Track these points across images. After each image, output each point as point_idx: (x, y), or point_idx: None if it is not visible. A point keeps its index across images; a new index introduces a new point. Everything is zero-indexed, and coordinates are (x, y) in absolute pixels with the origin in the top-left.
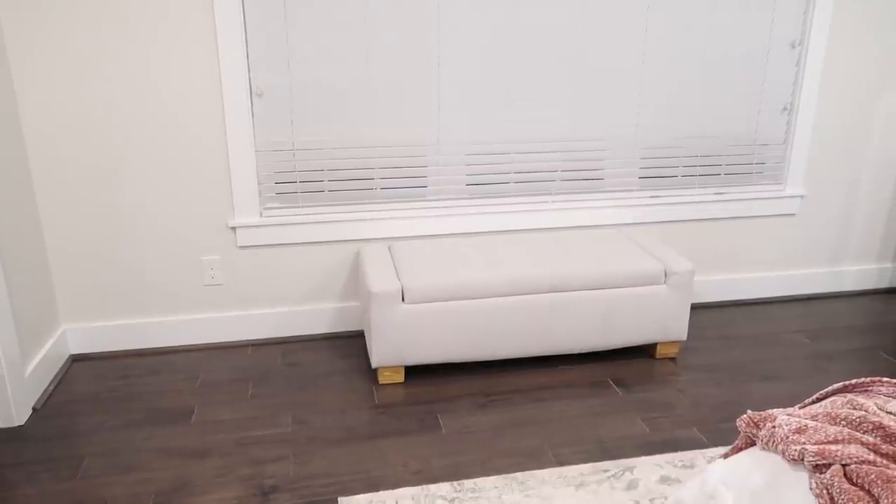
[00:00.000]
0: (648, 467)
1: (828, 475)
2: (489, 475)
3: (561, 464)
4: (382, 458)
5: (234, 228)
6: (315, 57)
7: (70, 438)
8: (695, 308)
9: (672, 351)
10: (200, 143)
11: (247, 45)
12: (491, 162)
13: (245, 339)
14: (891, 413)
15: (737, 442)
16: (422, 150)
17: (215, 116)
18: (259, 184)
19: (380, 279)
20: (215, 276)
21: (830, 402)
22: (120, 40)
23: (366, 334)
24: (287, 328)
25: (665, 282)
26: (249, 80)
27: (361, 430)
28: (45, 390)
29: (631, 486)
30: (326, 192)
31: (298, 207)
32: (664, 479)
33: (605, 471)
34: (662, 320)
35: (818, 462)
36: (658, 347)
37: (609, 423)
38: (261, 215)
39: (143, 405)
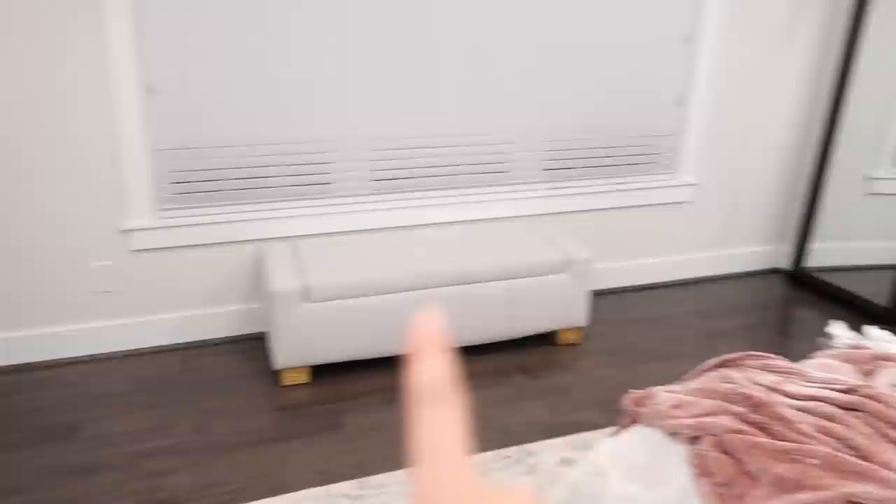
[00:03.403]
0: (549, 451)
1: (703, 446)
2: (394, 471)
3: (469, 455)
4: (285, 461)
5: (127, 232)
6: (213, 52)
7: None
8: (596, 294)
9: (574, 337)
10: (88, 143)
11: (139, 40)
12: (396, 157)
13: (141, 347)
14: (759, 384)
15: (623, 420)
16: (325, 145)
17: (103, 114)
18: (155, 184)
19: (282, 278)
20: (107, 282)
21: (706, 377)
22: None
23: (268, 335)
24: (187, 333)
25: (565, 270)
26: (141, 75)
27: (264, 434)
28: None
29: (531, 470)
30: (227, 191)
31: (198, 208)
32: (563, 462)
33: (507, 457)
34: (564, 308)
35: (694, 434)
36: (560, 334)
37: (513, 410)
38: (157, 217)
39: (28, 423)
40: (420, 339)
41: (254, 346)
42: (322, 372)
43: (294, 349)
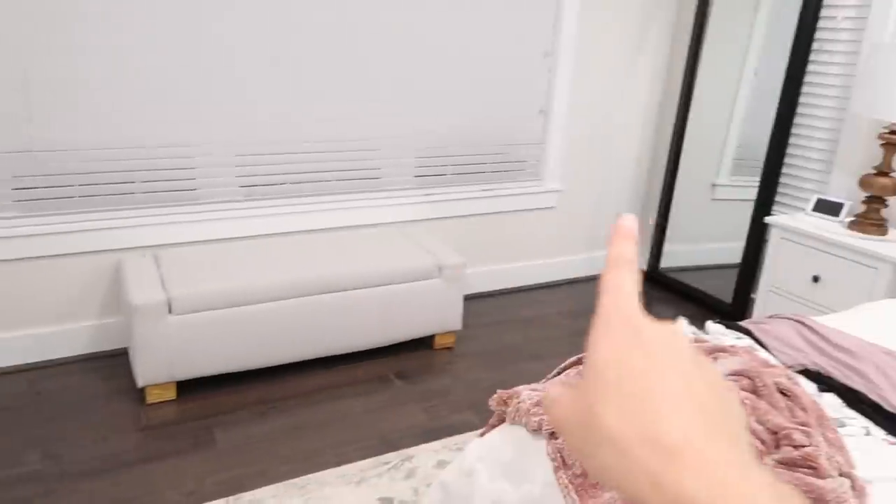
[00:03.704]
0: (426, 454)
1: (560, 440)
2: (269, 485)
3: (341, 462)
4: (151, 483)
5: None
6: (56, 47)
7: None
8: (469, 298)
9: (449, 341)
10: None
11: None
12: (265, 163)
13: None
14: None
15: (491, 420)
16: (189, 150)
17: None
18: None
19: (143, 290)
20: None
21: (566, 374)
22: None
23: (129, 351)
24: (35, 353)
25: (438, 275)
26: None
27: (126, 457)
28: None
29: (410, 474)
30: (78, 197)
31: (44, 216)
32: (441, 464)
33: (386, 463)
34: (438, 312)
35: (552, 429)
36: (436, 338)
37: (390, 416)
38: None
39: None
40: (621, 230)
41: (114, 363)
42: (189, 387)
43: (158, 365)
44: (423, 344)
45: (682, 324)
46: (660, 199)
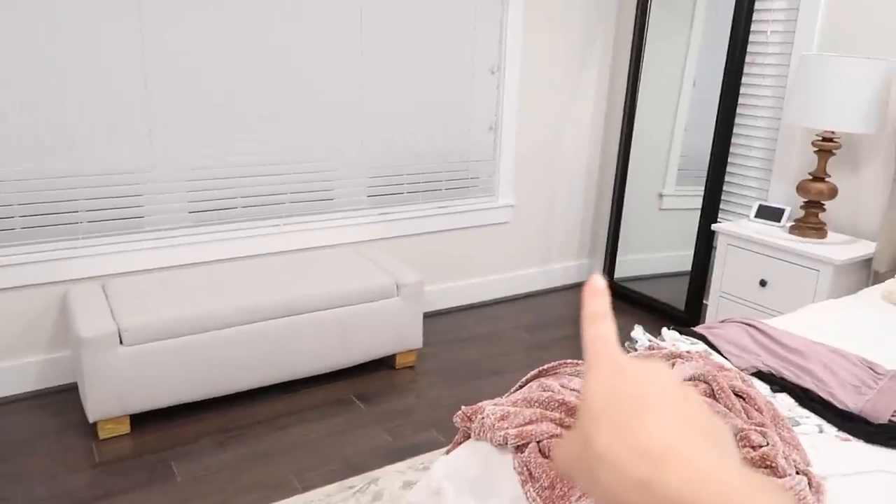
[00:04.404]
0: (392, 475)
1: (526, 453)
2: None
3: (307, 489)
4: None
5: None
6: None
7: None
8: (428, 316)
9: (410, 359)
10: None
11: None
12: (214, 187)
13: None
14: (573, 390)
15: (456, 437)
16: (134, 177)
17: None
18: None
19: (91, 322)
20: None
21: (528, 387)
22: None
23: (79, 386)
24: None
25: (397, 294)
26: None
27: (79, 496)
28: None
29: (376, 497)
30: (19, 229)
31: None
32: (407, 485)
33: (351, 487)
34: (398, 331)
35: (518, 443)
36: (397, 357)
37: (354, 438)
38: None
39: None
40: (593, 290)
41: (63, 398)
42: (144, 420)
43: (110, 398)
44: (384, 364)
45: (640, 332)
46: (610, 210)
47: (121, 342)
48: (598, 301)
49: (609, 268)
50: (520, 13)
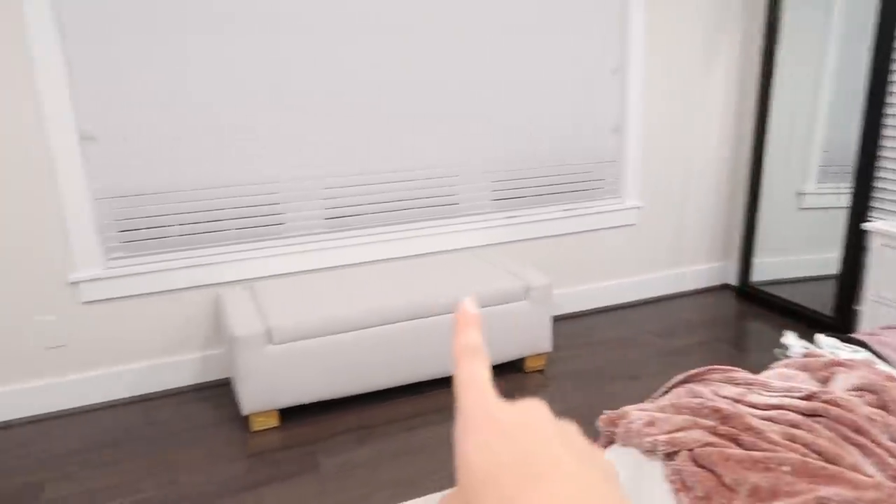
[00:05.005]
0: None
1: (678, 461)
2: None
3: (442, 489)
4: None
5: (75, 283)
6: (149, 98)
7: None
8: (557, 320)
9: (540, 363)
10: (27, 194)
11: (71, 89)
12: (346, 195)
13: (99, 401)
14: (725, 397)
15: (598, 441)
16: (275, 186)
17: (41, 164)
18: (100, 233)
19: (243, 322)
20: (57, 336)
21: (674, 393)
22: None
23: (233, 381)
24: (147, 384)
25: (526, 297)
26: (76, 123)
27: (236, 483)
28: None
29: None
30: (177, 237)
31: (148, 255)
32: None
33: None
34: (527, 335)
35: (669, 450)
36: (526, 361)
37: None
38: (105, 267)
39: None
40: (465, 317)
41: (219, 392)
42: (292, 414)
43: (260, 393)
44: (513, 367)
45: (793, 338)
46: (744, 210)
47: (270, 341)
48: (470, 332)
49: (744, 271)
50: (641, 10)
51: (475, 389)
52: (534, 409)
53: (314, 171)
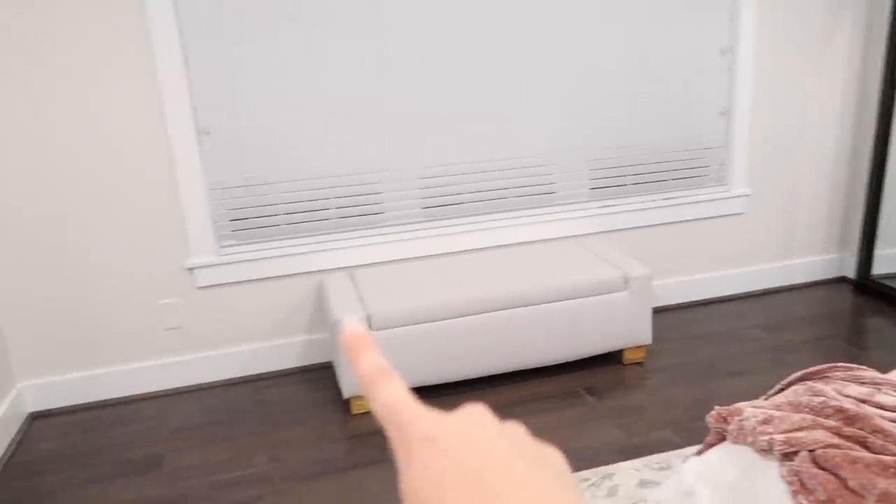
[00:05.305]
0: (627, 472)
1: (797, 462)
2: None
3: None
4: (361, 489)
5: (191, 269)
6: (260, 92)
7: (36, 498)
8: (657, 311)
9: (639, 355)
10: (149, 186)
11: (190, 84)
12: (443, 184)
13: (212, 380)
14: (849, 396)
15: (708, 438)
16: (375, 176)
17: (162, 157)
18: (214, 222)
19: (344, 308)
20: (175, 318)
21: (792, 391)
22: (59, 87)
23: (335, 365)
24: (255, 366)
25: (625, 288)
26: (194, 119)
27: (338, 463)
28: (5, 452)
29: (611, 492)
30: (283, 225)
31: (256, 243)
32: (643, 483)
33: (586, 480)
34: (626, 326)
35: (786, 450)
36: (625, 353)
37: (584, 432)
38: (218, 254)
39: (111, 458)
40: (355, 339)
41: (322, 375)
42: None
43: None
44: (611, 359)
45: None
46: (865, 198)
47: (370, 327)
48: (369, 354)
49: (863, 263)
50: None
51: (402, 412)
52: (473, 416)
53: (412, 161)
